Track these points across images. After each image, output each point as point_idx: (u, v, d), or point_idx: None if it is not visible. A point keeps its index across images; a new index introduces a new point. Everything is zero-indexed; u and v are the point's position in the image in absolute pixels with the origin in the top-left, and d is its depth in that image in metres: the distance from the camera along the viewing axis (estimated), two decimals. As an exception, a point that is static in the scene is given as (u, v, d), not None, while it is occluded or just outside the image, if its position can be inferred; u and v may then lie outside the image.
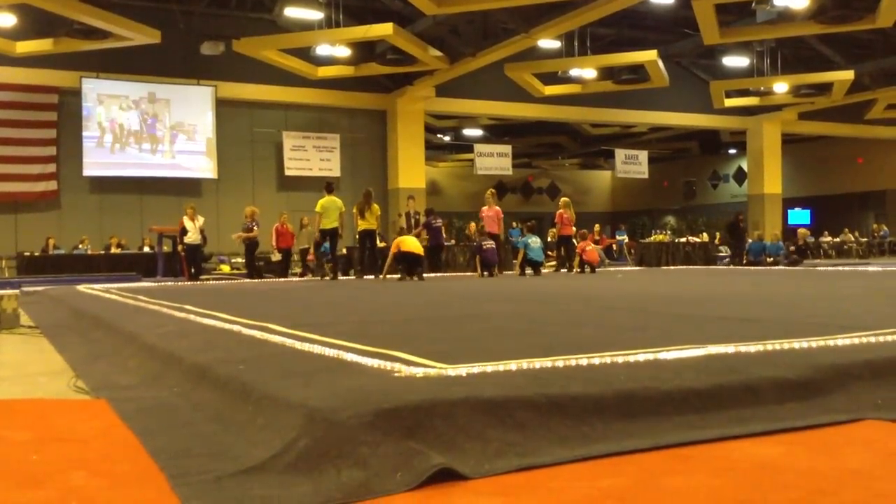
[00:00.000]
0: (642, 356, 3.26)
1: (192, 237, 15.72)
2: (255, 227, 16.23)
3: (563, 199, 17.04)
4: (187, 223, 15.74)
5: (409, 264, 13.05)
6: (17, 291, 7.62)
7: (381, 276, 13.47)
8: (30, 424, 3.17)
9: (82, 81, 20.54)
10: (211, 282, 15.22)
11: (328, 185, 14.74)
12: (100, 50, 18.78)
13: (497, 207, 15.56)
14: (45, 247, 19.29)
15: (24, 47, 18.15)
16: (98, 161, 20.89)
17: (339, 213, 14.28)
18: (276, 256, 17.08)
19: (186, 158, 21.83)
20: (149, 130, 21.42)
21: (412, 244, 13.14)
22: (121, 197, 21.18)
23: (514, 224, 24.41)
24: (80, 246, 19.70)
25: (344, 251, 18.81)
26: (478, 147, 25.75)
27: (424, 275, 13.42)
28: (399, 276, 13.10)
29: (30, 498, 2.17)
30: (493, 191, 16.25)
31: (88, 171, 20.79)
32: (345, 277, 15.67)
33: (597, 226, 22.81)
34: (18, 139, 20.15)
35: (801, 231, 21.68)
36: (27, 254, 18.43)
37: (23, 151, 20.21)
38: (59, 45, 18.10)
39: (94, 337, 5.95)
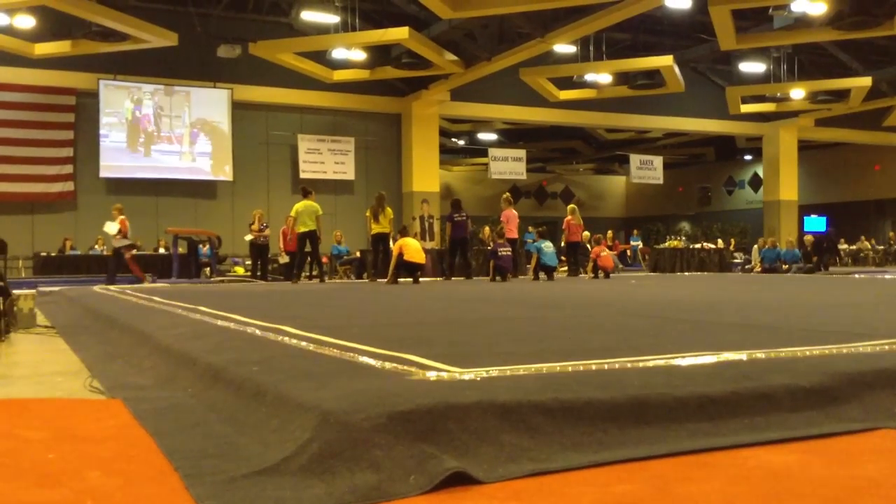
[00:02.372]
0: (656, 362, 3.25)
1: (116, 240, 14.68)
2: (265, 230, 16.40)
3: (570, 206, 17.09)
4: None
5: (409, 271, 13.24)
6: (33, 291, 7.67)
7: (388, 280, 13.49)
8: (46, 424, 3.19)
9: (100, 83, 20.69)
10: (225, 283, 15.27)
11: (304, 190, 14.84)
12: (117, 52, 18.92)
13: (513, 211, 15.54)
14: (63, 247, 19.41)
15: (43, 49, 18.32)
16: (114, 164, 21.02)
17: (316, 216, 14.38)
18: (284, 259, 17.13)
19: (206, 161, 21.92)
20: (165, 131, 21.53)
21: (414, 252, 13.17)
22: (137, 198, 21.27)
23: (529, 228, 24.40)
24: (96, 247, 19.81)
25: (357, 254, 18.85)
26: (492, 151, 25.77)
27: (432, 278, 13.48)
28: (393, 280, 13.21)
29: (45, 496, 2.19)
30: (508, 195, 16.27)
31: (105, 173, 20.93)
32: (359, 280, 15.68)
33: (609, 232, 22.74)
34: (36, 140, 20.33)
35: (806, 238, 21.49)
36: (43, 254, 18.56)
37: (40, 152, 20.38)
38: (77, 47, 18.24)
39: (109, 337, 5.98)
